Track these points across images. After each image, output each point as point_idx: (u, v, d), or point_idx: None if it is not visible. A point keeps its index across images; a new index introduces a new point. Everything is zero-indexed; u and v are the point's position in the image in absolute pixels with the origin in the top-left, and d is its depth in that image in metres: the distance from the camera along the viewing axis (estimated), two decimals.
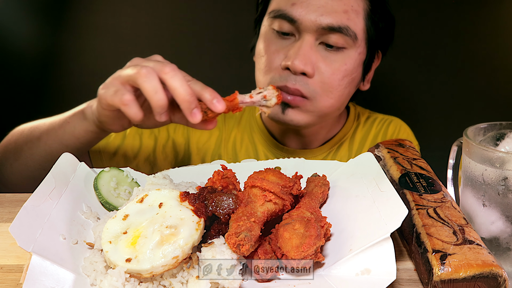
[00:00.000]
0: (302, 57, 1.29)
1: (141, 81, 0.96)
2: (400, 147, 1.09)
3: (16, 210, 0.88)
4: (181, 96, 0.96)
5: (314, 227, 0.76)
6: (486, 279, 0.71)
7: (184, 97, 0.96)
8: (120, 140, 1.47)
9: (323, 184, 0.92)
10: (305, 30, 1.31)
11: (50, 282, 0.70)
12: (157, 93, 0.96)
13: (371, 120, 1.63)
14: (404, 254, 0.88)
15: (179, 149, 1.55)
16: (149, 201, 0.82)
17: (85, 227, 0.86)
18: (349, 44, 1.33)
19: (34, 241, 0.73)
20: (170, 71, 0.97)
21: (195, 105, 0.97)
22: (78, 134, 1.18)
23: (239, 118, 1.61)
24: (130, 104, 0.98)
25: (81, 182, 0.94)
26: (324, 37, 1.31)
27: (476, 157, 0.83)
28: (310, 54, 1.31)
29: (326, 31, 1.30)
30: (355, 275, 0.74)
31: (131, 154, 1.48)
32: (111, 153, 1.46)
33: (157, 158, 1.51)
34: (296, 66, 1.29)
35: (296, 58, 1.29)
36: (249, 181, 0.84)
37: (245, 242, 0.73)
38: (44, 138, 1.24)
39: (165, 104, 0.97)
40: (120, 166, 1.37)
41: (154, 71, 0.97)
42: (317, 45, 1.32)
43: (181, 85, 0.96)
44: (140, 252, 0.74)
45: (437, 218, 0.82)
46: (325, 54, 1.33)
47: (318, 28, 1.29)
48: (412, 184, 0.93)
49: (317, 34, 1.31)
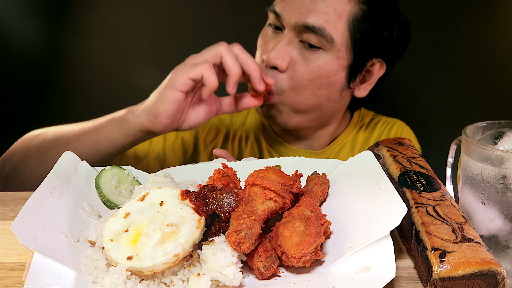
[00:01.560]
0: (277, 51, 1.32)
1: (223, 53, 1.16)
2: (400, 145, 1.09)
3: (18, 208, 0.88)
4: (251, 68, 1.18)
5: (314, 225, 0.76)
6: (485, 277, 0.71)
7: (254, 69, 1.18)
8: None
9: (323, 183, 0.93)
10: (286, 26, 1.33)
11: (52, 279, 0.71)
12: (237, 62, 1.17)
13: (374, 122, 1.63)
14: (403, 252, 0.88)
15: (188, 147, 1.55)
16: (150, 199, 0.82)
17: (86, 225, 0.86)
18: (325, 46, 1.31)
19: (36, 239, 0.73)
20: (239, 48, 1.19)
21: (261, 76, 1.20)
22: (115, 138, 1.21)
23: (245, 116, 1.62)
24: (211, 70, 1.14)
25: (82, 181, 0.94)
26: (303, 35, 1.31)
27: (475, 156, 0.84)
28: (286, 49, 1.33)
29: (303, 29, 1.30)
30: (354, 273, 0.74)
31: (141, 153, 1.49)
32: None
33: (167, 156, 1.52)
34: (269, 59, 1.32)
35: (272, 51, 1.32)
36: (250, 179, 0.84)
37: (245, 240, 0.73)
38: (74, 142, 1.25)
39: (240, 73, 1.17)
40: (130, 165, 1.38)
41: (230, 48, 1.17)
42: (297, 42, 1.33)
43: (251, 60, 1.19)
44: (141, 250, 0.74)
45: (436, 216, 0.82)
46: (302, 52, 1.33)
47: (295, 25, 1.30)
48: (412, 182, 0.93)
49: (296, 32, 1.32)
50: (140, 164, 1.50)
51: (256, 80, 1.19)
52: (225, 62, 1.16)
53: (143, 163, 1.49)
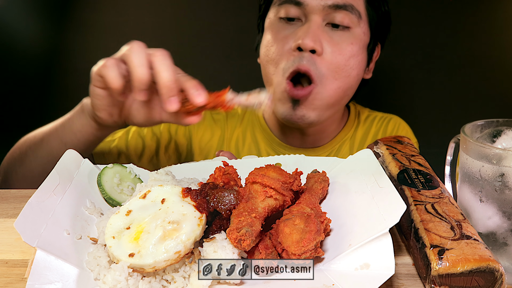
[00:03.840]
0: (311, 35, 1.33)
1: (128, 53, 0.99)
2: (399, 143, 1.10)
3: (21, 205, 0.89)
4: (162, 80, 0.96)
5: (314, 223, 0.77)
6: (483, 274, 0.72)
7: (165, 82, 0.96)
8: (124, 143, 1.48)
9: (322, 180, 0.93)
10: (312, 12, 1.35)
11: (55, 276, 0.71)
12: (140, 67, 0.97)
13: (371, 118, 1.64)
14: (402, 249, 0.89)
15: (181, 150, 1.56)
16: (152, 197, 0.83)
17: (88, 223, 0.87)
18: (354, 23, 1.36)
19: (39, 236, 0.74)
20: (160, 55, 0.98)
21: (174, 93, 0.97)
22: (76, 129, 1.19)
23: (241, 116, 1.62)
24: (110, 66, 1.00)
25: (84, 178, 0.95)
26: (330, 16, 1.35)
27: (473, 154, 0.84)
28: (318, 33, 1.35)
29: (332, 10, 1.34)
30: (354, 270, 0.75)
31: (134, 157, 1.49)
32: (115, 157, 1.47)
33: (160, 160, 1.52)
34: (306, 44, 1.32)
35: (306, 37, 1.33)
36: (250, 177, 0.85)
37: (246, 237, 0.74)
38: (46, 139, 1.25)
39: (146, 80, 0.97)
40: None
41: (145, 52, 0.99)
42: (324, 25, 1.36)
43: (166, 70, 0.96)
44: (143, 247, 0.75)
45: (435, 214, 0.82)
46: (331, 33, 1.37)
47: (324, 8, 1.33)
48: (411, 180, 0.94)
49: (324, 14, 1.35)
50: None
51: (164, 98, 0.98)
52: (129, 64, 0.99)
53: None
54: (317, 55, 1.35)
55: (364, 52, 1.44)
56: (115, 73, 0.99)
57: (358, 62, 1.41)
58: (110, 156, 1.47)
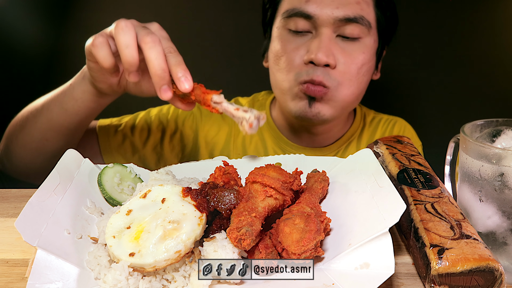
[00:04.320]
0: (324, 49, 1.33)
1: (116, 33, 0.96)
2: (399, 143, 1.10)
3: (21, 205, 0.89)
4: (153, 69, 0.95)
5: (314, 222, 0.77)
6: (482, 273, 0.72)
7: (156, 71, 0.95)
8: (130, 129, 1.49)
9: (322, 180, 0.93)
10: (322, 25, 1.35)
11: (55, 276, 0.71)
12: (128, 48, 0.95)
13: (377, 120, 1.66)
14: (402, 248, 0.89)
15: (186, 142, 1.56)
16: (152, 197, 0.83)
17: (89, 222, 0.87)
18: (364, 33, 1.37)
19: (39, 235, 0.74)
20: (150, 41, 0.95)
21: (166, 81, 0.97)
22: (77, 96, 1.18)
23: None
24: (100, 46, 0.98)
25: (85, 178, 0.95)
26: (341, 29, 1.35)
27: (473, 153, 0.84)
28: (330, 46, 1.35)
29: (342, 23, 1.34)
30: (354, 269, 0.75)
31: (139, 143, 1.50)
32: (120, 141, 1.47)
33: (164, 149, 1.53)
34: (319, 59, 1.33)
35: (319, 51, 1.33)
36: (250, 176, 0.85)
37: (246, 236, 0.74)
38: (47, 105, 1.25)
39: (134, 62, 0.96)
40: (128, 155, 1.37)
41: (134, 31, 0.96)
42: (335, 37, 1.36)
43: (156, 58, 0.95)
44: (143, 247, 0.75)
45: (435, 213, 0.82)
46: (343, 45, 1.37)
47: (335, 21, 1.33)
48: (410, 179, 0.94)
49: (334, 27, 1.35)
50: (137, 155, 1.50)
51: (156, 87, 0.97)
52: (117, 43, 0.96)
53: (140, 154, 1.50)
54: (331, 68, 1.36)
55: (374, 57, 1.46)
56: (105, 52, 0.98)
57: (369, 68, 1.43)
58: (115, 140, 1.48)
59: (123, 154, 1.50)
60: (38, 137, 1.26)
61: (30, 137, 1.28)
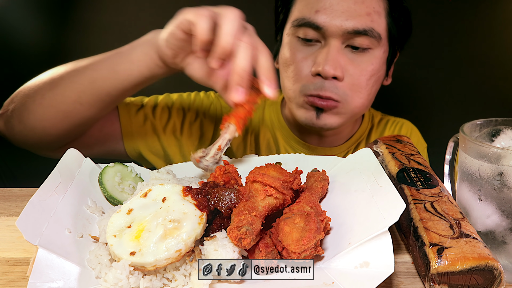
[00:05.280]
0: (331, 62, 1.31)
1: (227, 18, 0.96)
2: (398, 143, 1.10)
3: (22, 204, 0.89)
4: (238, 66, 0.95)
5: (314, 221, 0.77)
6: (482, 272, 0.72)
7: (239, 71, 0.95)
8: (151, 110, 1.48)
9: (322, 179, 0.94)
10: (331, 36, 1.33)
11: (56, 274, 0.72)
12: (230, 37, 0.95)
13: (384, 122, 1.67)
14: (402, 247, 0.89)
15: (205, 130, 1.54)
16: (153, 196, 0.83)
17: (90, 221, 0.87)
18: (374, 44, 1.35)
19: (41, 235, 0.74)
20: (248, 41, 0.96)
21: (244, 85, 0.97)
22: (135, 58, 1.15)
23: (262, 112, 1.63)
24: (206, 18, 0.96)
25: (86, 177, 0.95)
26: (350, 40, 1.33)
27: (472, 153, 0.84)
28: (338, 58, 1.33)
29: (351, 35, 1.32)
30: (354, 268, 0.75)
31: (159, 126, 1.48)
32: (141, 122, 1.46)
33: (184, 133, 1.50)
34: (326, 72, 1.31)
35: (326, 64, 1.31)
36: (251, 176, 0.85)
37: (246, 235, 0.74)
38: (94, 64, 1.20)
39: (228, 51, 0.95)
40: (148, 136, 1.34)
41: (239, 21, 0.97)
42: (343, 48, 1.35)
43: (244, 59, 0.95)
44: (144, 246, 0.75)
45: (434, 212, 0.83)
46: (352, 56, 1.35)
47: (344, 33, 1.31)
48: (410, 179, 0.94)
49: (343, 38, 1.33)
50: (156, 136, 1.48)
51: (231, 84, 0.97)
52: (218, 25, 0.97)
53: (159, 136, 1.49)
54: (339, 80, 1.34)
55: (384, 66, 1.44)
56: (207, 25, 0.96)
57: (378, 78, 1.42)
58: (136, 120, 1.45)
59: (143, 136, 1.47)
60: (72, 99, 1.19)
61: (61, 98, 1.20)
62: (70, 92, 1.19)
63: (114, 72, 1.16)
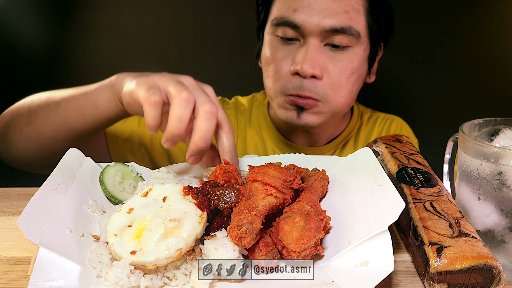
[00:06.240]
0: (309, 61, 1.31)
1: (176, 102, 0.91)
2: (398, 142, 1.10)
3: (24, 203, 0.89)
4: (197, 141, 0.92)
5: (314, 220, 0.77)
6: (481, 271, 0.73)
7: (199, 144, 0.92)
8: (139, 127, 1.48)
9: (322, 179, 0.94)
10: (309, 34, 1.32)
11: (57, 273, 0.72)
12: (180, 122, 0.91)
13: (374, 119, 1.66)
14: (401, 246, 0.90)
15: None
16: (153, 195, 0.84)
17: (91, 220, 0.87)
18: (353, 42, 1.35)
19: (42, 234, 0.74)
20: (209, 111, 0.92)
21: (201, 156, 0.95)
22: (100, 104, 1.13)
23: (249, 114, 1.63)
24: (154, 106, 0.92)
25: (87, 177, 0.95)
26: (329, 38, 1.33)
27: (471, 152, 0.84)
28: (317, 56, 1.33)
29: (329, 33, 1.31)
30: (353, 267, 0.75)
31: (147, 141, 1.48)
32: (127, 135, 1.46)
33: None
34: (305, 70, 1.31)
35: (305, 63, 1.31)
36: (251, 175, 0.86)
37: (246, 234, 0.74)
38: (64, 104, 1.19)
39: (179, 135, 0.92)
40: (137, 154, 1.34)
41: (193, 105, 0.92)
42: (322, 46, 1.34)
43: (207, 131, 0.91)
44: (145, 245, 0.75)
45: (434, 212, 0.83)
46: (331, 54, 1.35)
47: (321, 31, 1.31)
48: (409, 178, 0.94)
49: (321, 37, 1.32)
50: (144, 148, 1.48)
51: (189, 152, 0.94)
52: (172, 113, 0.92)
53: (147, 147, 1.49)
54: (318, 79, 1.34)
55: (365, 64, 1.44)
56: (156, 114, 0.92)
57: (359, 76, 1.41)
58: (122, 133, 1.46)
59: (129, 148, 1.48)
60: (47, 136, 1.21)
61: (38, 134, 1.23)
62: (45, 129, 1.22)
63: (83, 115, 1.16)
